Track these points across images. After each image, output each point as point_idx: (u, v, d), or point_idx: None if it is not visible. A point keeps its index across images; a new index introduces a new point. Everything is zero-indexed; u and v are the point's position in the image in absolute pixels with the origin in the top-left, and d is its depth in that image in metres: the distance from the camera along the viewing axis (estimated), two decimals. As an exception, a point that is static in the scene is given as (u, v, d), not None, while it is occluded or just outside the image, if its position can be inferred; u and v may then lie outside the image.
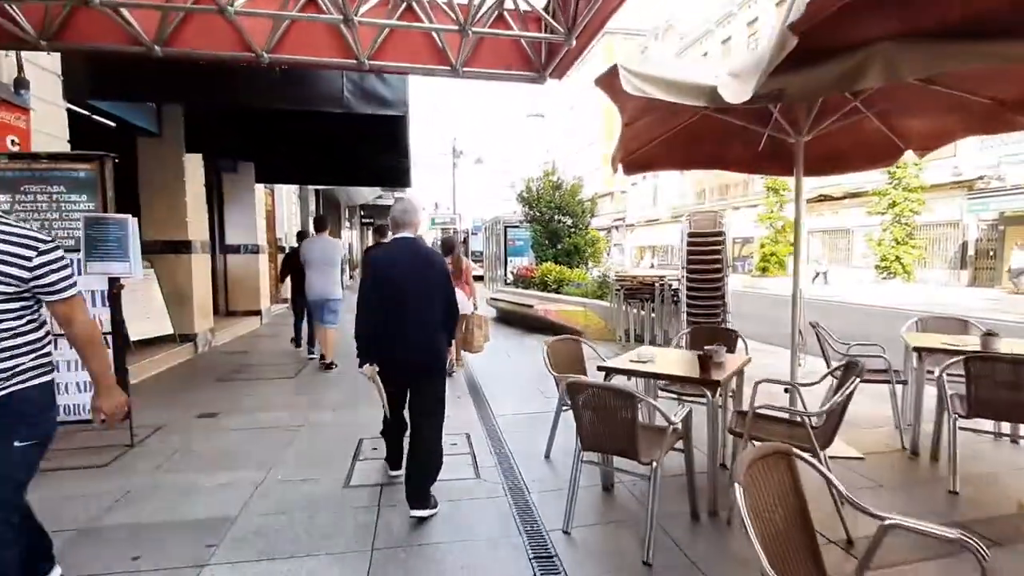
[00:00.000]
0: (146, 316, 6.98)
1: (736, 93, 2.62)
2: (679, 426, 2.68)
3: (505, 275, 16.81)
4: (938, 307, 13.49)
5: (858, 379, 2.59)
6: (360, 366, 2.96)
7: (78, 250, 3.82)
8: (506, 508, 3.05)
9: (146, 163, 7.40)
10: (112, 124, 6.97)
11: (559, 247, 12.72)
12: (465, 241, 28.30)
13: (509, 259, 16.86)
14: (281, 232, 13.81)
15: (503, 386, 5.84)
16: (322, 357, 6.58)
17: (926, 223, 20.16)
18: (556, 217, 13.03)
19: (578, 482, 2.83)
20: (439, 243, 8.64)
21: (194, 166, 7.71)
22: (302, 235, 8.36)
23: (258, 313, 10.80)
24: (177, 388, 5.74)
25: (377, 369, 2.94)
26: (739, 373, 3.28)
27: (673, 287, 7.32)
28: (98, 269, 3.83)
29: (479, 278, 23.16)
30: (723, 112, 3.74)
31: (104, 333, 3.92)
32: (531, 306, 9.42)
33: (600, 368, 3.26)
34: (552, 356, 3.81)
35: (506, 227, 17.14)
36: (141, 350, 6.60)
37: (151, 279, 7.21)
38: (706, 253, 6.67)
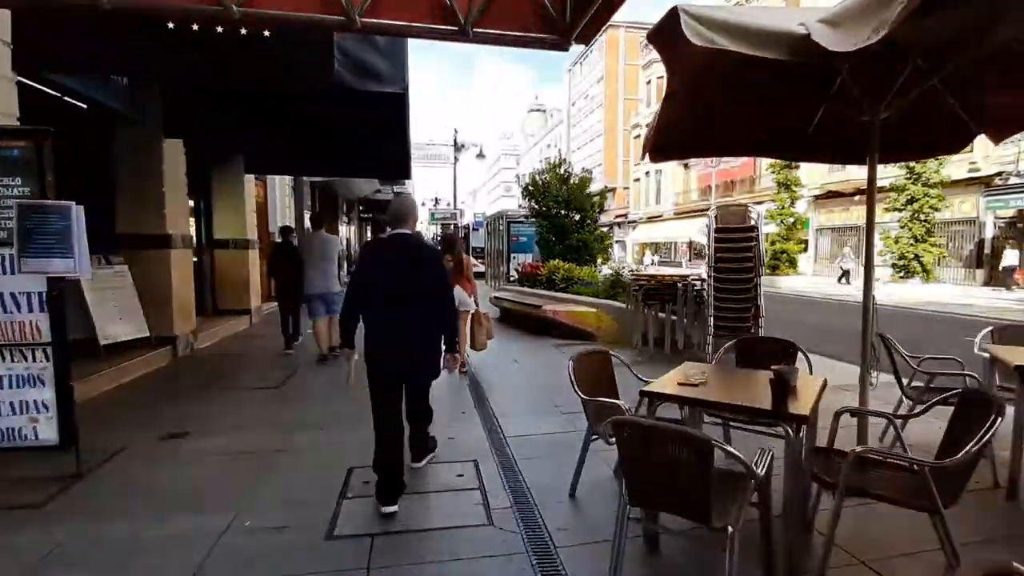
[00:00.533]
0: (118, 317, 6.35)
1: (840, 39, 1.99)
2: (761, 476, 2.06)
3: (508, 272, 16.18)
4: (967, 309, 12.89)
5: (999, 419, 1.97)
6: (341, 347, 3.25)
7: (11, 244, 3.19)
8: (529, 570, 2.43)
9: (121, 149, 6.74)
10: (83, 106, 6.33)
11: (566, 243, 12.06)
12: (466, 237, 27.62)
13: (512, 256, 16.21)
14: (274, 226, 13.15)
15: (513, 399, 5.22)
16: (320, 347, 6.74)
17: (940, 220, 19.52)
18: (563, 212, 12.36)
19: (624, 546, 2.21)
20: (439, 239, 8.57)
21: (174, 153, 7.06)
22: (286, 230, 8.15)
23: (248, 312, 10.18)
24: (147, 400, 5.10)
25: (356, 356, 3.12)
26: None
27: (696, 288, 6.69)
28: (34, 267, 3.19)
29: (480, 275, 22.56)
30: (789, 79, 3.10)
31: (42, 344, 3.29)
32: (538, 306, 8.79)
33: (644, 393, 2.63)
34: (578, 372, 3.18)
35: (509, 222, 16.46)
36: (112, 356, 5.97)
37: (125, 276, 6.58)
38: (736, 251, 6.03)
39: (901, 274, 17.75)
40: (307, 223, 15.15)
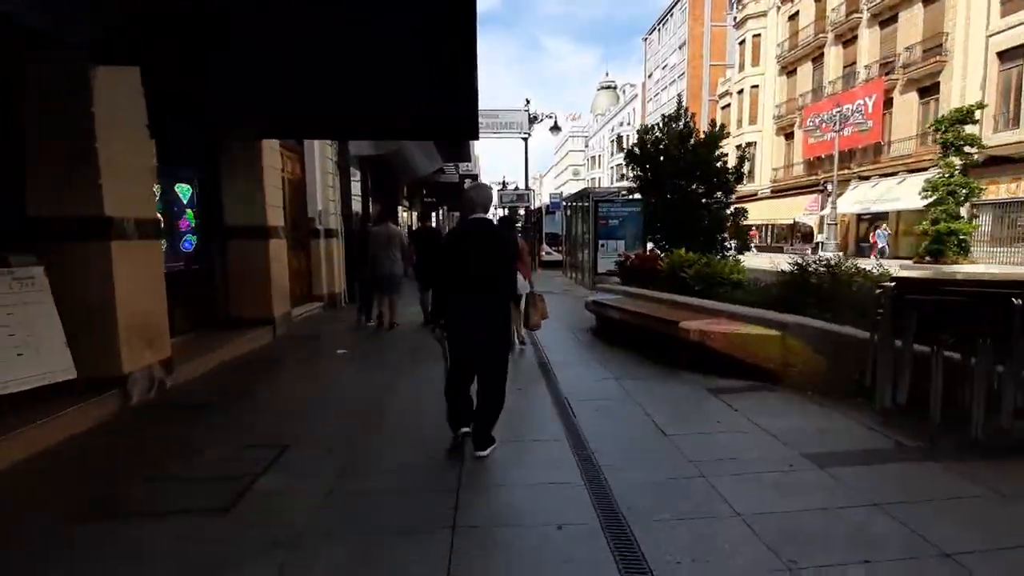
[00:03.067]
0: (16, 353, 3.93)
1: None
2: None
3: (595, 264, 13.06)
4: None
5: None
6: (432, 330, 3.53)
7: None
8: None
9: (34, 85, 4.31)
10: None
11: (689, 224, 8.59)
12: (538, 222, 24.61)
13: (600, 243, 13.05)
14: (313, 210, 10.73)
15: (702, 554, 2.21)
16: (381, 319, 8.34)
17: None
18: (683, 182, 8.90)
19: None
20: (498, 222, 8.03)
21: (118, 87, 4.52)
22: (366, 220, 10.09)
23: (270, 322, 7.74)
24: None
25: (446, 334, 3.43)
26: None
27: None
28: None
29: (555, 264, 19.46)
30: None
31: None
32: (673, 321, 5.68)
33: None
34: None
35: (597, 202, 13.25)
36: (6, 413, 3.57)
37: (36, 286, 4.14)
38: None
39: None
40: (357, 208, 12.94)
